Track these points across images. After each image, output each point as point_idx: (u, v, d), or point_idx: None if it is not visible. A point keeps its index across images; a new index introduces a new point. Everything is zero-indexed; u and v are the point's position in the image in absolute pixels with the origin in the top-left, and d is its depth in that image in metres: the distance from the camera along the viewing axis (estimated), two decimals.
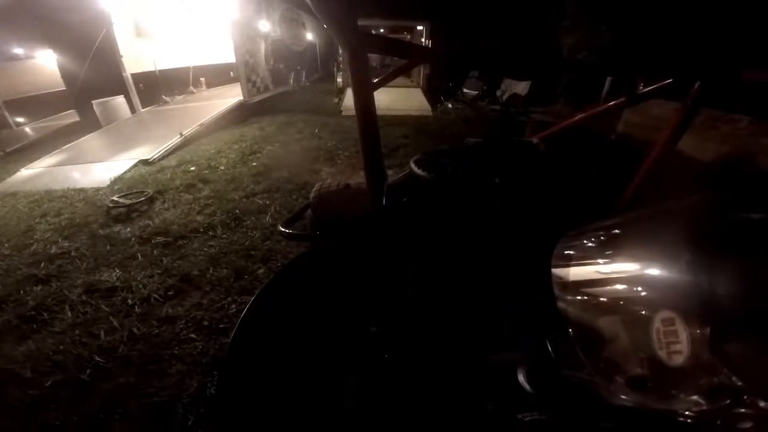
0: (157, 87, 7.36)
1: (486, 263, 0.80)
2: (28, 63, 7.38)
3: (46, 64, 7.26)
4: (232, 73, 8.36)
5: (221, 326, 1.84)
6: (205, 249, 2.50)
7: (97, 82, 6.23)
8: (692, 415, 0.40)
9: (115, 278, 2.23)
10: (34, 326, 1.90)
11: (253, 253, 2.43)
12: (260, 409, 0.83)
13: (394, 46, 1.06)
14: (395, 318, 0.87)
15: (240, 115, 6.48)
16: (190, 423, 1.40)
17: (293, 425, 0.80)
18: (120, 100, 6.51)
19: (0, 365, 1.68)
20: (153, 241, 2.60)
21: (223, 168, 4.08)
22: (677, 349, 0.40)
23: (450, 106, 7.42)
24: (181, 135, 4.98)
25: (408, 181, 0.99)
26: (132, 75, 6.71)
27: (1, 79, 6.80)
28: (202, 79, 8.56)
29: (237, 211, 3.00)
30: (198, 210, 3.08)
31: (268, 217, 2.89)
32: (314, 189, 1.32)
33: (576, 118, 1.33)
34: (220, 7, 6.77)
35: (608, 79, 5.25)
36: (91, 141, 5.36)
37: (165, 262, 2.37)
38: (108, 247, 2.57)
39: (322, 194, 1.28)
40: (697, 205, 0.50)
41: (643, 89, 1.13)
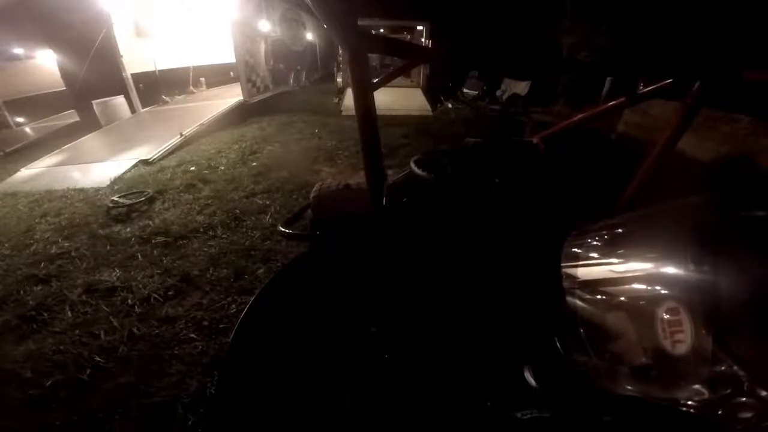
0: (157, 87, 7.36)
1: (486, 263, 0.80)
2: (28, 63, 7.36)
3: (46, 64, 7.25)
4: (232, 73, 8.35)
5: (221, 326, 1.84)
6: (205, 249, 2.50)
7: (97, 82, 6.24)
8: (694, 405, 0.41)
9: (115, 278, 2.23)
10: (34, 326, 1.90)
11: (253, 253, 2.43)
12: (260, 409, 0.83)
13: (394, 46, 1.06)
14: (395, 318, 0.87)
15: (240, 115, 6.47)
16: (190, 423, 1.40)
17: (293, 425, 0.80)
18: (120, 100, 6.52)
19: (0, 365, 1.68)
20: (153, 241, 2.60)
21: (223, 168, 4.08)
22: (681, 338, 0.41)
23: (450, 106, 7.42)
24: (181, 135, 4.99)
25: (408, 181, 1.00)
26: (132, 75, 6.70)
27: (1, 79, 6.79)
28: (202, 79, 8.56)
29: (237, 211, 3.00)
30: (198, 210, 3.08)
31: (268, 217, 2.89)
32: (314, 189, 1.32)
33: (576, 118, 1.33)
34: (220, 7, 6.77)
35: (608, 79, 5.26)
36: (91, 141, 5.36)
37: (165, 262, 2.37)
38: (108, 247, 2.57)
39: (322, 194, 1.27)
40: (700, 203, 0.52)
41: (643, 89, 1.13)
